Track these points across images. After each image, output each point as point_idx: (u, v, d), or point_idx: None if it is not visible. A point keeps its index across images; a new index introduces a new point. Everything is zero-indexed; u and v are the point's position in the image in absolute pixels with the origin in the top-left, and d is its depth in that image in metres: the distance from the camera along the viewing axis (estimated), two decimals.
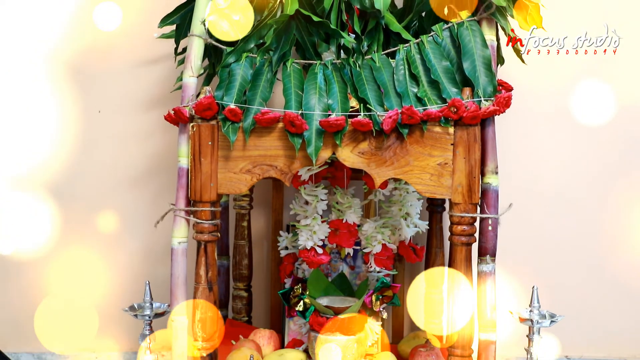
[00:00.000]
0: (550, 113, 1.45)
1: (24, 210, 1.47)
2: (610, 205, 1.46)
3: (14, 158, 1.46)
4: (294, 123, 1.05)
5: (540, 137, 1.45)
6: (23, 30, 1.44)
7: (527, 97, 1.41)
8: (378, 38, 1.14)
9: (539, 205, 1.45)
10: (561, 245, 1.46)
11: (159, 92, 1.45)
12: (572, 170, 1.46)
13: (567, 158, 1.45)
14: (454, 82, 1.08)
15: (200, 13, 1.11)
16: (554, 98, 1.44)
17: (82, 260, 1.48)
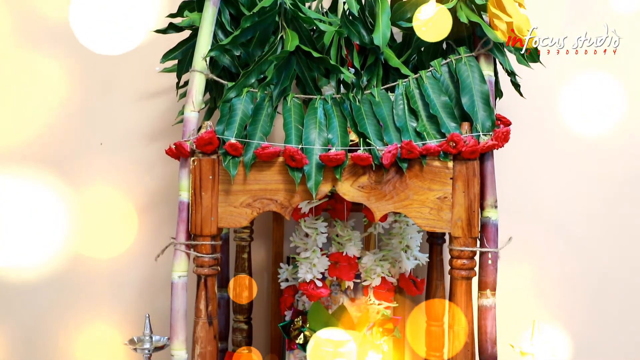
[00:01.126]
0: (549, 143, 1.45)
1: (24, 235, 1.47)
2: (611, 238, 1.46)
3: (15, 184, 1.47)
4: (294, 157, 1.06)
5: (539, 170, 1.46)
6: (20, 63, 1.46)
7: (526, 129, 1.42)
8: (377, 73, 1.15)
9: (540, 238, 1.45)
10: (562, 278, 1.46)
11: (160, 125, 1.46)
12: (572, 203, 1.46)
13: (566, 191, 1.46)
14: (452, 116, 1.09)
15: (202, 49, 1.12)
16: (552, 128, 1.45)
17: (80, 292, 1.48)
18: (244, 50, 1.15)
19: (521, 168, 1.45)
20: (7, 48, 1.46)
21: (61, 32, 1.45)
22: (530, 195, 1.45)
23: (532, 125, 1.44)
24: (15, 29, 1.46)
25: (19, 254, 1.47)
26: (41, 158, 1.47)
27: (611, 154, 1.45)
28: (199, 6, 1.18)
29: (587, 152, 1.45)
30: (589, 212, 1.46)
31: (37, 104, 1.47)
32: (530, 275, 1.45)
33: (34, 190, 1.47)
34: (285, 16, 1.15)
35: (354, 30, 1.13)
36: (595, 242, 1.46)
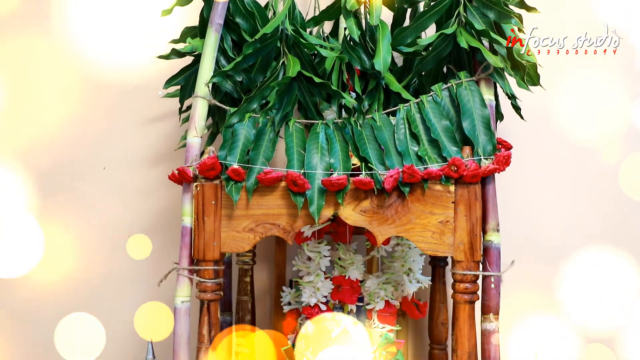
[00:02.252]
0: (550, 165, 1.46)
1: (26, 255, 1.47)
2: (613, 260, 1.46)
3: (17, 207, 1.47)
4: (296, 182, 1.06)
5: (540, 193, 1.46)
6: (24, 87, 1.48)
7: (527, 151, 1.43)
8: (378, 97, 1.16)
9: (541, 261, 1.45)
10: (564, 301, 1.46)
11: (163, 149, 1.47)
12: (573, 225, 1.46)
13: (568, 213, 1.46)
14: (453, 141, 1.09)
15: (205, 75, 1.13)
16: (553, 150, 1.46)
17: (83, 317, 1.47)
18: (246, 75, 1.16)
19: (523, 191, 1.45)
20: (14, 71, 1.48)
21: (65, 55, 1.47)
22: (532, 218, 1.45)
23: (533, 148, 1.44)
24: (21, 53, 1.48)
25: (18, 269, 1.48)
26: (44, 181, 1.47)
27: (614, 176, 1.45)
28: (201, 32, 1.20)
29: (589, 174, 1.45)
30: (590, 234, 1.45)
31: (41, 127, 1.48)
32: (533, 299, 1.45)
33: (36, 213, 1.47)
34: (287, 42, 1.16)
35: (355, 56, 1.14)
36: (598, 264, 1.46)
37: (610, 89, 1.44)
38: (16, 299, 1.48)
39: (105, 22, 1.47)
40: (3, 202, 1.47)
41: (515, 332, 1.41)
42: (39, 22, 1.48)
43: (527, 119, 1.24)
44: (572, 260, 1.45)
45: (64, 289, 1.47)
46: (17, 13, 1.48)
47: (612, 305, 1.45)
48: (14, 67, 1.48)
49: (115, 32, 1.47)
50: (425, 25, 1.14)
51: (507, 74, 1.14)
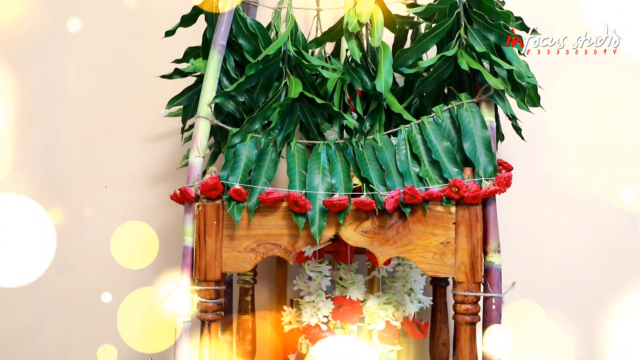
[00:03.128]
0: (550, 187, 1.46)
1: (27, 275, 1.47)
2: (615, 280, 1.45)
3: (19, 225, 1.48)
4: (297, 203, 1.07)
5: (541, 213, 1.46)
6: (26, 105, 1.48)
7: (527, 171, 1.43)
8: (380, 118, 1.17)
9: (543, 282, 1.45)
10: (567, 321, 1.45)
11: (165, 168, 1.47)
12: (575, 246, 1.46)
13: (569, 233, 1.46)
14: (454, 162, 1.10)
15: (207, 96, 1.14)
16: (554, 169, 1.46)
17: (83, 337, 1.47)
18: (248, 96, 1.17)
19: (523, 212, 1.45)
20: (16, 88, 1.49)
21: (67, 71, 1.48)
22: (533, 238, 1.45)
23: (533, 168, 1.44)
24: (19, 72, 1.49)
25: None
26: (46, 199, 1.48)
27: (614, 195, 1.45)
28: (204, 53, 1.21)
29: (589, 194, 1.45)
30: (591, 255, 1.45)
31: (43, 145, 1.48)
32: (536, 319, 1.44)
33: (37, 232, 1.48)
34: (289, 63, 1.17)
35: (357, 77, 1.15)
36: (599, 285, 1.45)
37: (612, 107, 1.45)
38: (14, 310, 1.48)
39: (109, 39, 1.48)
40: (3, 220, 1.47)
41: (518, 353, 1.41)
42: (41, 42, 1.49)
43: (527, 139, 1.25)
44: (574, 279, 1.45)
45: (62, 303, 1.47)
46: (20, 34, 1.50)
47: (619, 322, 1.44)
48: (17, 84, 1.49)
49: (119, 50, 1.48)
50: (426, 47, 1.15)
51: (508, 95, 1.15)
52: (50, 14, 1.48)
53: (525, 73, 1.15)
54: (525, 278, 1.34)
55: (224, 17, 1.16)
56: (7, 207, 1.48)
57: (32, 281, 1.47)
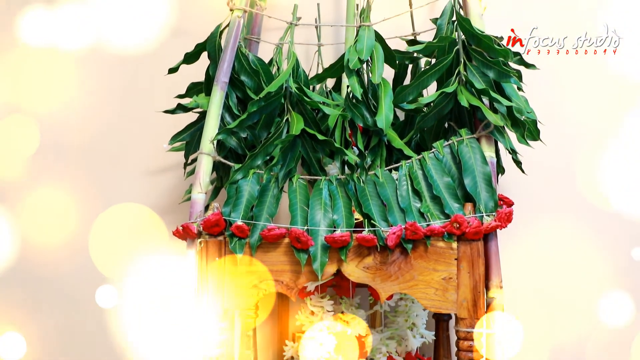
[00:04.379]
0: (551, 219, 1.46)
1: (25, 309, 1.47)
2: (617, 315, 1.45)
3: (17, 264, 1.48)
4: (299, 239, 1.07)
5: (542, 247, 1.46)
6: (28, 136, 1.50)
7: (528, 204, 1.44)
8: (381, 154, 1.17)
9: (545, 317, 1.44)
10: (571, 357, 1.45)
11: (167, 201, 1.48)
12: (576, 281, 1.45)
13: (571, 268, 1.45)
14: (455, 197, 1.11)
15: (210, 132, 1.15)
16: (554, 203, 1.46)
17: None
18: (250, 132, 1.18)
19: (525, 246, 1.45)
20: (19, 118, 1.50)
21: (69, 105, 1.49)
22: (535, 273, 1.45)
23: (534, 201, 1.45)
24: (21, 107, 1.51)
25: None
26: (47, 231, 1.48)
27: (614, 229, 1.45)
28: (206, 89, 1.22)
29: (590, 228, 1.45)
30: (593, 289, 1.45)
31: (45, 178, 1.49)
32: (538, 354, 1.44)
33: (39, 260, 1.48)
34: (291, 99, 1.18)
35: (358, 113, 1.16)
36: (602, 318, 1.45)
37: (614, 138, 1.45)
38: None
39: (113, 74, 1.49)
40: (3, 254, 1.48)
41: None
42: (45, 75, 1.51)
43: (528, 173, 1.26)
44: (577, 313, 1.44)
45: (63, 346, 1.47)
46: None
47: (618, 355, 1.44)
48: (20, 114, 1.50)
49: (122, 84, 1.49)
50: (426, 84, 1.17)
51: (508, 129, 1.16)
52: (55, 47, 1.50)
53: (525, 108, 1.16)
54: (527, 313, 1.34)
55: (226, 55, 1.17)
56: (8, 242, 1.49)
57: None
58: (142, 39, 1.48)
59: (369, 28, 1.18)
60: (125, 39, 1.49)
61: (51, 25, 1.50)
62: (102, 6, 1.49)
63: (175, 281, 1.44)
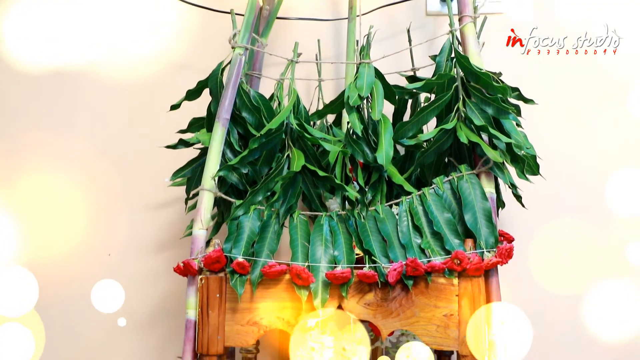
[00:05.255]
0: (552, 253, 1.46)
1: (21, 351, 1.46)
2: (619, 350, 1.44)
3: (22, 293, 1.47)
4: (300, 276, 1.07)
5: (543, 281, 1.46)
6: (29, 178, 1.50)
7: (528, 239, 1.44)
8: (381, 189, 1.18)
9: (547, 353, 1.43)
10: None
11: (168, 236, 1.48)
12: (578, 315, 1.45)
13: (573, 303, 1.45)
14: (456, 233, 1.11)
15: (211, 169, 1.16)
16: (555, 237, 1.46)
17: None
18: (251, 168, 1.19)
19: (526, 281, 1.45)
20: (22, 155, 1.51)
21: (72, 139, 1.50)
22: (536, 308, 1.44)
23: (535, 235, 1.45)
24: (24, 139, 1.51)
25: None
26: (48, 265, 1.48)
27: (623, 254, 1.45)
28: (208, 125, 1.23)
29: (591, 258, 1.45)
30: (596, 322, 1.44)
31: (47, 212, 1.50)
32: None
33: (37, 301, 1.47)
34: (292, 135, 1.19)
35: (358, 149, 1.17)
36: (605, 352, 1.44)
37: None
38: None
39: (116, 109, 1.51)
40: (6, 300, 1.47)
41: None
42: (48, 110, 1.52)
43: (528, 206, 1.26)
44: (579, 347, 1.43)
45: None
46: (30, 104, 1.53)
47: None
48: (22, 151, 1.51)
49: (125, 120, 1.51)
50: (426, 120, 1.18)
51: (507, 164, 1.16)
52: (58, 83, 1.51)
53: (524, 144, 1.17)
54: (530, 350, 1.33)
55: (228, 92, 1.19)
56: (10, 276, 1.48)
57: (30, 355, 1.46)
58: (143, 73, 1.50)
59: (369, 65, 1.19)
60: (127, 74, 1.50)
61: (56, 55, 1.51)
62: (104, 41, 1.51)
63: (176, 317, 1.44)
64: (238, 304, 1.10)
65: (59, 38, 1.51)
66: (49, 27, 1.51)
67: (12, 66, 1.52)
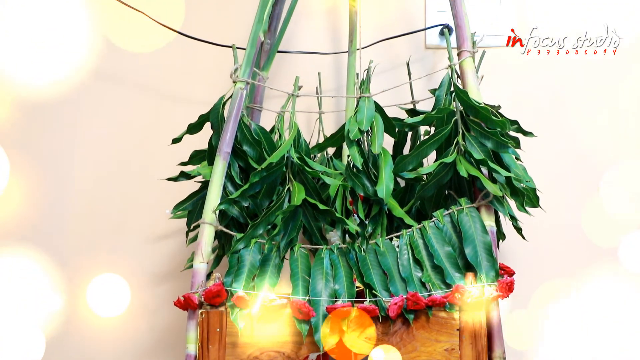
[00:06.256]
0: (553, 286, 1.46)
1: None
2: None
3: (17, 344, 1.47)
4: (301, 310, 1.07)
5: (544, 315, 1.45)
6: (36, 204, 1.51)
7: (529, 272, 1.43)
8: (382, 222, 1.18)
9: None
10: None
11: (168, 268, 1.48)
12: (580, 350, 1.44)
13: (575, 337, 1.44)
14: (456, 267, 1.11)
15: (212, 202, 1.16)
16: (556, 270, 1.46)
17: None
18: (252, 201, 1.19)
19: (527, 313, 1.44)
20: (23, 189, 1.51)
21: (72, 171, 1.51)
22: (538, 342, 1.44)
23: (535, 267, 1.45)
24: (25, 170, 1.52)
25: None
26: (46, 301, 1.48)
27: (618, 289, 1.44)
28: (209, 159, 1.24)
29: (593, 294, 1.45)
30: (598, 353, 1.43)
31: (47, 244, 1.49)
32: None
33: (47, 329, 1.47)
34: (292, 169, 1.20)
35: (358, 182, 1.17)
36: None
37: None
38: None
39: (117, 141, 1.52)
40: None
41: None
42: (49, 143, 1.53)
43: (529, 239, 1.27)
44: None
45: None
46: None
47: None
48: (23, 184, 1.51)
49: (126, 152, 1.51)
50: (425, 153, 1.18)
51: (507, 197, 1.17)
52: (59, 112, 1.52)
53: (524, 177, 1.18)
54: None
55: (229, 126, 1.20)
56: (7, 311, 1.48)
57: None
58: (145, 105, 1.51)
59: (369, 99, 1.21)
60: (129, 104, 1.52)
61: (57, 84, 1.52)
62: (105, 72, 1.52)
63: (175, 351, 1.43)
64: (238, 339, 1.10)
65: (59, 67, 1.53)
66: (52, 55, 1.53)
67: (19, 93, 1.52)
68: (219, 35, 1.46)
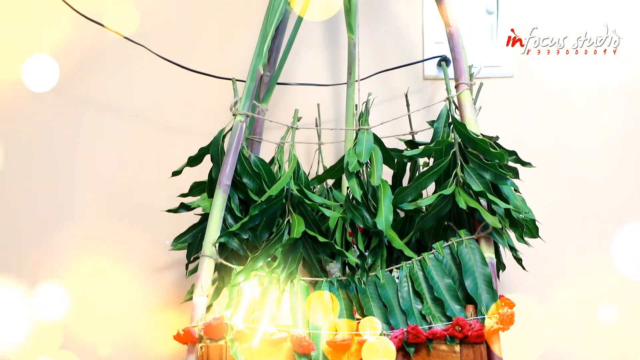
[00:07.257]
0: (554, 314, 1.45)
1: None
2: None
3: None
4: (301, 344, 1.07)
5: (547, 345, 1.45)
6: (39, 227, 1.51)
7: (529, 301, 1.43)
8: (381, 254, 1.18)
9: None
10: None
11: (168, 299, 1.48)
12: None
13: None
14: (457, 299, 1.11)
15: (212, 235, 1.17)
16: (557, 297, 1.46)
17: None
18: (252, 233, 1.19)
19: (528, 345, 1.44)
20: (23, 209, 1.52)
21: (72, 201, 1.51)
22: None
23: (535, 297, 1.44)
24: (26, 193, 1.53)
25: None
26: (46, 336, 1.47)
27: (621, 321, 1.44)
28: (209, 191, 1.24)
29: (594, 320, 1.44)
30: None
31: (46, 272, 1.49)
32: None
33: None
34: (292, 201, 1.20)
35: (358, 215, 1.17)
36: None
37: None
38: None
39: (116, 173, 1.52)
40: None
41: None
42: (48, 170, 1.54)
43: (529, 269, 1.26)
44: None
45: None
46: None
47: None
48: (24, 205, 1.52)
49: (125, 182, 1.52)
50: (425, 185, 1.19)
51: (507, 229, 1.17)
52: (58, 148, 1.53)
53: (523, 209, 1.18)
54: None
55: (229, 159, 1.20)
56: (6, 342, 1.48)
57: None
58: (144, 136, 1.52)
59: (368, 131, 1.21)
60: (128, 136, 1.52)
61: (57, 115, 1.53)
62: (106, 104, 1.53)
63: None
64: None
65: (56, 97, 1.54)
66: (49, 84, 1.54)
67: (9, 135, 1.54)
68: (219, 68, 1.47)
